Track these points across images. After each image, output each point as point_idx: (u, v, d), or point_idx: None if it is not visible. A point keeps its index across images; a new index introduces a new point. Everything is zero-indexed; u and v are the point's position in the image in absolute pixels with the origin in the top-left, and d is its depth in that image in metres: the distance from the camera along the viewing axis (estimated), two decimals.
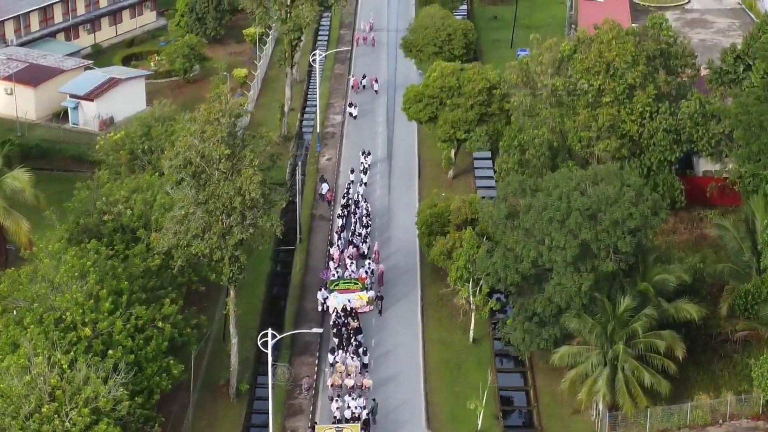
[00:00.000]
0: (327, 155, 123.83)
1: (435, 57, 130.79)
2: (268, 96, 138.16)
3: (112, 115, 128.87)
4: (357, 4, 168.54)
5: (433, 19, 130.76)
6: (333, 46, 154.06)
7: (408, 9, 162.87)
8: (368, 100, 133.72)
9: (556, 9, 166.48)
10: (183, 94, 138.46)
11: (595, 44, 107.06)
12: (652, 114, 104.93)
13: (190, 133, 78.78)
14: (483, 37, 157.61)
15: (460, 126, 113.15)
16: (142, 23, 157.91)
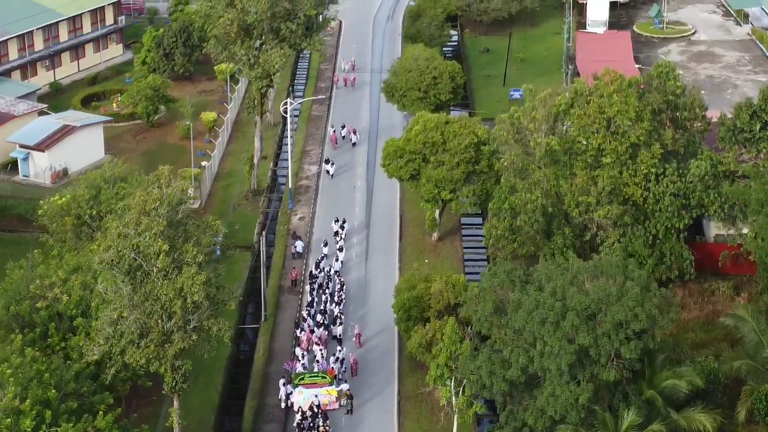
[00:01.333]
0: (300, 213, 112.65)
1: (419, 103, 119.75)
2: (239, 142, 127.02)
3: (66, 166, 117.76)
4: (338, 39, 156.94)
5: (417, 61, 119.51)
6: (312, 83, 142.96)
7: (394, 47, 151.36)
8: (346, 154, 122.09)
9: (553, 41, 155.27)
10: (146, 140, 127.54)
11: (595, 98, 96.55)
12: (658, 176, 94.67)
13: (124, 224, 67.41)
14: (474, 71, 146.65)
15: (445, 185, 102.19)
16: (108, 57, 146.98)
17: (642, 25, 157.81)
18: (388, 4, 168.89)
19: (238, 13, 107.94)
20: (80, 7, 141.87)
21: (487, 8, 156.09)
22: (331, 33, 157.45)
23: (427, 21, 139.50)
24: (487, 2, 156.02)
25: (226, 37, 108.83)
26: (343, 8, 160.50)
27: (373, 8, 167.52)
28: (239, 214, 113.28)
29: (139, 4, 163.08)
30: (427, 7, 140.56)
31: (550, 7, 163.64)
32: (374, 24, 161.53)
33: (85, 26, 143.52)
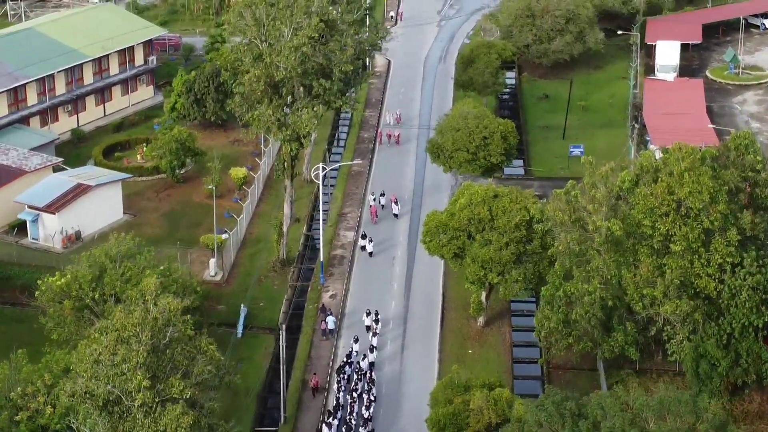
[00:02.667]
0: (332, 289, 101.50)
1: (467, 165, 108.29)
2: (271, 202, 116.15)
3: (78, 229, 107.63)
4: (386, 82, 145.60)
5: (466, 120, 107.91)
6: (355, 132, 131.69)
7: (445, 94, 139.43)
8: (386, 228, 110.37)
9: (618, 87, 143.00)
10: (170, 197, 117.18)
11: (663, 175, 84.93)
12: (734, 266, 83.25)
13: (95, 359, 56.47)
14: (531, 121, 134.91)
15: (492, 266, 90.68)
16: (137, 101, 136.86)
17: (716, 71, 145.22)
18: (440, 43, 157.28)
19: (266, 68, 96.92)
20: (107, 48, 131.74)
21: (547, 50, 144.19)
22: (378, 74, 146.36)
23: (480, 68, 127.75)
24: (547, 43, 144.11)
25: (252, 94, 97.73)
26: (393, 46, 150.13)
27: (425, 46, 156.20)
28: (265, 288, 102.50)
29: (175, 39, 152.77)
30: (481, 53, 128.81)
31: (616, 47, 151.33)
32: (425, 65, 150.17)
33: (112, 67, 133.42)
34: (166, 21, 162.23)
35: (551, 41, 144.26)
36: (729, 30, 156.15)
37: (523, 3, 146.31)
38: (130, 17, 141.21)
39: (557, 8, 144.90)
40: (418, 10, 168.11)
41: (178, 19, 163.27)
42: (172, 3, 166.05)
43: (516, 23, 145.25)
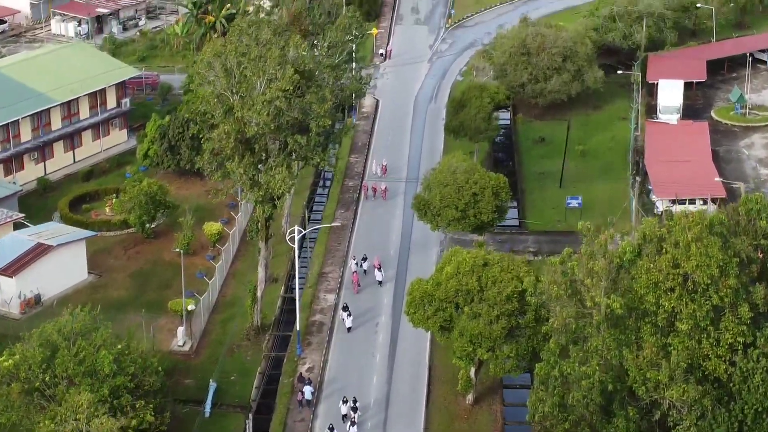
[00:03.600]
0: (309, 361, 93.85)
1: (456, 224, 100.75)
2: (247, 260, 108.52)
3: (38, 293, 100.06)
4: (373, 123, 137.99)
5: (455, 175, 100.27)
6: (339, 179, 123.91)
7: (434, 144, 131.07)
8: (368, 297, 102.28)
9: (619, 128, 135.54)
10: (140, 255, 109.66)
11: (668, 246, 77.51)
12: (746, 347, 75.54)
13: None
14: (527, 166, 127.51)
15: (481, 341, 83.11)
16: (109, 145, 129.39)
17: (721, 111, 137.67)
18: (431, 80, 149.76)
19: (236, 123, 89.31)
20: (76, 91, 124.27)
21: (544, 89, 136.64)
22: (365, 115, 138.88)
23: (471, 112, 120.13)
24: (543, 82, 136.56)
25: (221, 150, 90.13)
26: (382, 84, 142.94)
27: (416, 84, 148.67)
28: (237, 359, 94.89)
29: (153, 77, 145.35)
30: (472, 96, 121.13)
31: (616, 84, 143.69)
32: (415, 104, 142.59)
33: (83, 111, 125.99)
34: (145, 56, 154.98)
35: (548, 80, 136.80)
36: (734, 66, 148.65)
37: (518, 39, 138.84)
38: (103, 57, 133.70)
39: (554, 45, 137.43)
40: (410, 45, 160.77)
41: (157, 55, 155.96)
42: (151, 38, 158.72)
43: (510, 61, 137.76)
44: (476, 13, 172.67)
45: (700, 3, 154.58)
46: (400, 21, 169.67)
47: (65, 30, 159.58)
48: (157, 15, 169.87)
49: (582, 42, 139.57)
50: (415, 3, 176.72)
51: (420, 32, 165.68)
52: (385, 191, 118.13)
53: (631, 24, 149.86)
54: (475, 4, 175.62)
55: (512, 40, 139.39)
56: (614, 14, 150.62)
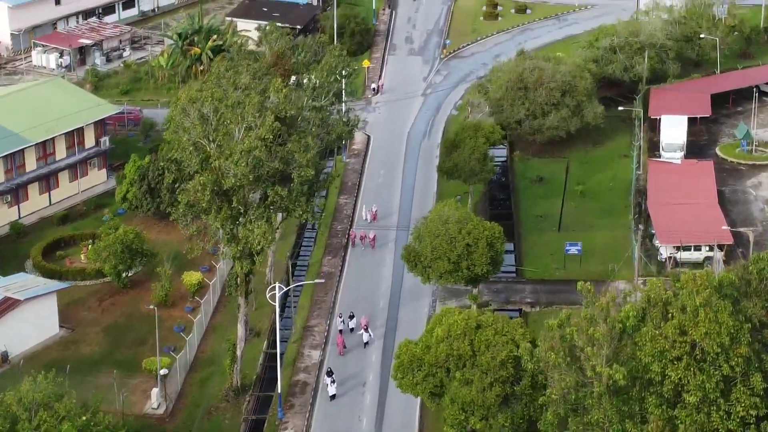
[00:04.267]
0: (291, 425, 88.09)
1: (448, 276, 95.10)
2: (228, 312, 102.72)
3: (5, 350, 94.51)
4: (364, 161, 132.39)
5: (447, 225, 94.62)
6: (327, 223, 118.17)
7: (428, 185, 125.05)
8: (354, 360, 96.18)
9: (620, 167, 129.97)
10: (115, 306, 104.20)
11: (674, 311, 72.47)
12: (759, 420, 71.45)
13: None
14: (524, 208, 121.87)
15: (474, 410, 77.54)
16: (87, 186, 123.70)
17: (726, 148, 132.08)
18: (425, 114, 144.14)
19: (213, 173, 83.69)
20: (52, 130, 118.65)
21: (542, 126, 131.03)
22: (356, 152, 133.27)
23: (465, 154, 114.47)
24: (541, 118, 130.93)
25: (197, 203, 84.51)
26: (374, 119, 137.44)
27: (409, 118, 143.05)
28: (215, 423, 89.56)
29: (135, 113, 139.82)
30: (466, 137, 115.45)
31: (616, 119, 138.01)
32: (408, 140, 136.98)
33: (59, 151, 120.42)
34: (128, 90, 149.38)
35: (546, 116, 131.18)
36: (740, 99, 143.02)
37: (515, 73, 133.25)
38: (81, 94, 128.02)
39: (552, 80, 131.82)
40: (403, 77, 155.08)
41: (141, 88, 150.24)
42: (135, 70, 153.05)
43: (507, 96, 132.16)
44: (472, 42, 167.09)
45: (704, 33, 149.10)
46: (393, 51, 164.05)
47: (46, 61, 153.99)
48: (142, 45, 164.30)
49: (581, 76, 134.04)
50: (409, 32, 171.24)
51: (414, 63, 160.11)
52: (373, 240, 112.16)
53: (632, 56, 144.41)
54: (472, 34, 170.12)
55: (508, 74, 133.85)
56: (615, 46, 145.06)
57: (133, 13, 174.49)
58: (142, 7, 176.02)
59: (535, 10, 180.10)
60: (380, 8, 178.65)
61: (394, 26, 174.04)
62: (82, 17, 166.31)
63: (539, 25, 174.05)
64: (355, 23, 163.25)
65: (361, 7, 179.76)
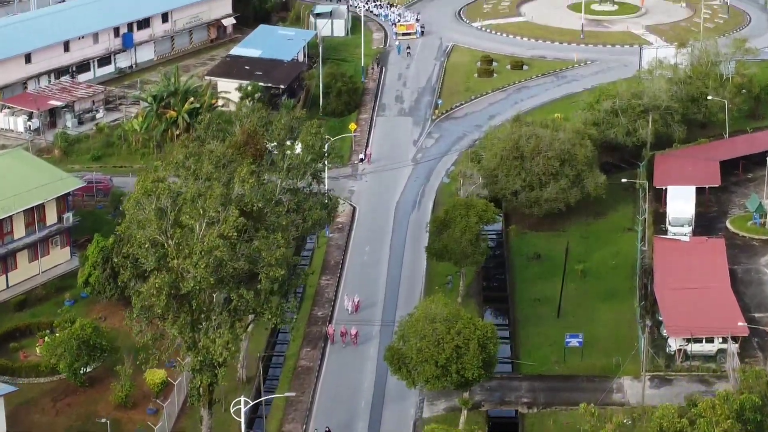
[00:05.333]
0: None
1: (436, 381, 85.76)
2: (195, 415, 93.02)
3: None
4: (348, 236, 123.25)
5: (434, 324, 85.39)
6: (307, 306, 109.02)
7: (415, 272, 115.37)
8: None
9: (623, 242, 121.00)
10: (70, 407, 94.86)
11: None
12: None
13: None
14: (520, 290, 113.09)
15: None
16: (49, 266, 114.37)
17: (737, 221, 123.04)
18: (415, 182, 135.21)
19: (171, 275, 74.52)
20: (10, 207, 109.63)
21: (539, 198, 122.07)
22: (340, 226, 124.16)
23: (456, 234, 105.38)
24: (538, 190, 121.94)
25: (152, 308, 75.34)
26: (360, 188, 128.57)
27: (398, 187, 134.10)
28: None
29: (105, 182, 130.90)
30: (457, 216, 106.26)
31: (619, 187, 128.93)
32: (397, 212, 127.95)
33: (17, 230, 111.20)
34: (100, 155, 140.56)
35: (543, 187, 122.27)
36: (750, 165, 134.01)
37: (510, 141, 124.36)
38: (43, 167, 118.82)
39: (550, 148, 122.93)
40: (392, 140, 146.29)
41: (113, 153, 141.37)
42: (108, 134, 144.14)
43: (502, 166, 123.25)
44: (466, 101, 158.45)
45: (711, 95, 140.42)
46: (382, 112, 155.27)
47: (14, 125, 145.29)
48: (117, 106, 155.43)
49: (581, 143, 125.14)
50: (399, 91, 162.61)
51: (404, 125, 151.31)
52: (356, 336, 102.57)
53: (635, 119, 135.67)
54: (465, 92, 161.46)
55: (503, 141, 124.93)
56: (616, 108, 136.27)
57: (109, 71, 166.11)
58: (118, 63, 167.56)
59: (532, 66, 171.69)
60: (369, 64, 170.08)
61: (384, 84, 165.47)
62: (54, 76, 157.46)
63: (536, 82, 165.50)
64: (342, 82, 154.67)
65: (349, 63, 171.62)
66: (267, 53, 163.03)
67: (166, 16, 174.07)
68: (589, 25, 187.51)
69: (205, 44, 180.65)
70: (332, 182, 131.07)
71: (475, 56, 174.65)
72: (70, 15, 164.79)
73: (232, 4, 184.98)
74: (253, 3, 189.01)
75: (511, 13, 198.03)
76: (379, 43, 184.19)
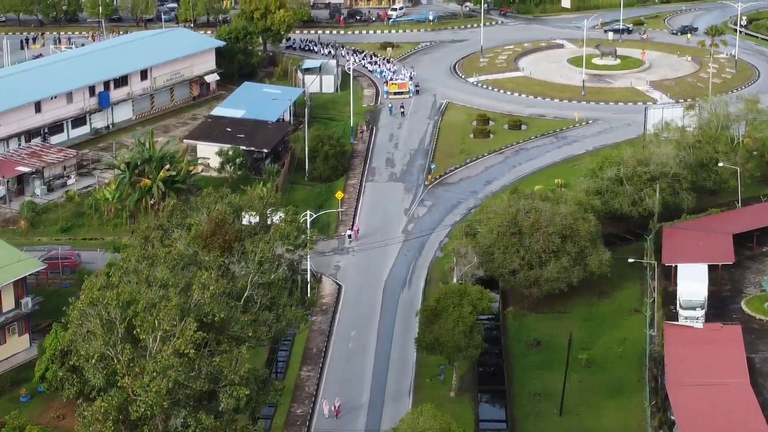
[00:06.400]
0: None
1: None
2: None
3: None
4: (333, 319, 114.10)
5: None
6: (287, 401, 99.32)
7: (404, 366, 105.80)
8: None
9: (630, 326, 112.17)
10: None
11: None
12: None
13: None
14: (518, 382, 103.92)
15: None
16: (6, 356, 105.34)
17: (753, 302, 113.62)
18: (406, 256, 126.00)
19: (120, 395, 65.14)
20: None
21: (539, 277, 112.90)
22: (323, 308, 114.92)
23: (449, 326, 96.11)
24: (538, 269, 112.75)
25: None
26: (347, 263, 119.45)
27: (387, 261, 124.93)
28: None
29: (72, 257, 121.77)
30: (449, 305, 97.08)
31: (623, 262, 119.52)
32: (385, 290, 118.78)
33: None
34: (69, 227, 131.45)
35: (543, 266, 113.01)
36: (765, 237, 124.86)
37: (507, 216, 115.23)
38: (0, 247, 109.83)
39: (550, 223, 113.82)
40: (382, 209, 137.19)
41: (84, 224, 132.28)
42: (78, 202, 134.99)
43: (498, 243, 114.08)
44: (460, 165, 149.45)
45: (722, 161, 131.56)
46: (372, 177, 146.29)
47: None
48: (90, 171, 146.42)
49: (584, 218, 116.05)
50: (390, 153, 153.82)
51: (395, 191, 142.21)
52: None
53: (641, 187, 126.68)
54: (460, 155, 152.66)
55: (500, 216, 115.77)
56: (621, 176, 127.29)
57: (84, 131, 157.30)
58: (94, 124, 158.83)
59: (531, 126, 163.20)
60: (360, 124, 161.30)
61: (374, 145, 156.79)
62: (25, 138, 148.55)
63: (535, 143, 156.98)
64: (330, 145, 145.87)
65: (338, 122, 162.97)
66: (251, 113, 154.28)
67: (145, 73, 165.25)
68: (590, 81, 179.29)
69: (187, 102, 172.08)
70: (316, 257, 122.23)
71: (471, 114, 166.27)
72: (41, 73, 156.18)
73: (216, 60, 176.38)
74: (238, 58, 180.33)
75: (509, 67, 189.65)
76: (370, 101, 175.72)
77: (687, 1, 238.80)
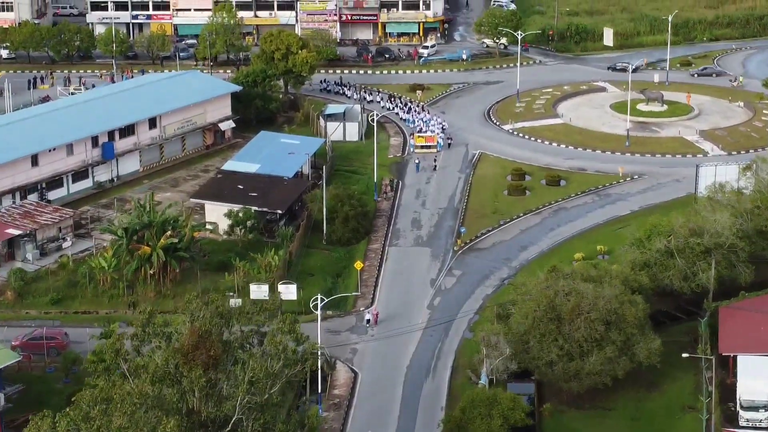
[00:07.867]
0: None
1: None
2: None
3: None
4: (347, 416, 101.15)
5: None
6: None
7: None
8: None
9: (684, 427, 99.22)
10: None
11: None
12: None
13: None
14: None
15: None
16: None
17: None
18: (431, 339, 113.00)
19: None
20: None
21: (580, 370, 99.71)
22: (336, 401, 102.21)
23: None
24: (579, 360, 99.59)
25: None
26: (365, 347, 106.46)
27: (410, 344, 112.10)
28: None
29: (58, 338, 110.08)
30: (476, 416, 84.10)
31: (674, 346, 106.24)
32: (407, 380, 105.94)
33: None
34: (60, 298, 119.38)
35: (585, 356, 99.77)
36: None
37: (544, 299, 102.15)
38: None
39: (593, 308, 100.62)
40: (405, 279, 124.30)
41: (77, 295, 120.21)
42: (72, 270, 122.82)
43: (534, 331, 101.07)
44: (494, 227, 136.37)
45: None
46: (396, 240, 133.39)
47: None
48: (89, 231, 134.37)
49: (631, 301, 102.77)
50: (417, 212, 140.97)
51: (420, 257, 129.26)
52: None
53: (694, 261, 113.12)
54: (492, 215, 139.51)
55: (536, 300, 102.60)
56: (671, 248, 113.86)
57: (86, 185, 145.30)
58: (97, 177, 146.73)
59: (571, 181, 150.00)
60: (384, 178, 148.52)
61: (400, 203, 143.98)
62: (20, 195, 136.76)
63: (575, 202, 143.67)
64: (350, 205, 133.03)
65: (361, 175, 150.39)
66: (266, 168, 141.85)
67: (154, 122, 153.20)
68: (635, 130, 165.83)
69: (199, 151, 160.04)
70: (331, 336, 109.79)
71: (506, 167, 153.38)
72: (39, 123, 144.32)
73: (232, 105, 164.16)
74: (255, 104, 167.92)
75: (547, 113, 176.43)
76: (396, 151, 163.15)
77: (737, 39, 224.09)
